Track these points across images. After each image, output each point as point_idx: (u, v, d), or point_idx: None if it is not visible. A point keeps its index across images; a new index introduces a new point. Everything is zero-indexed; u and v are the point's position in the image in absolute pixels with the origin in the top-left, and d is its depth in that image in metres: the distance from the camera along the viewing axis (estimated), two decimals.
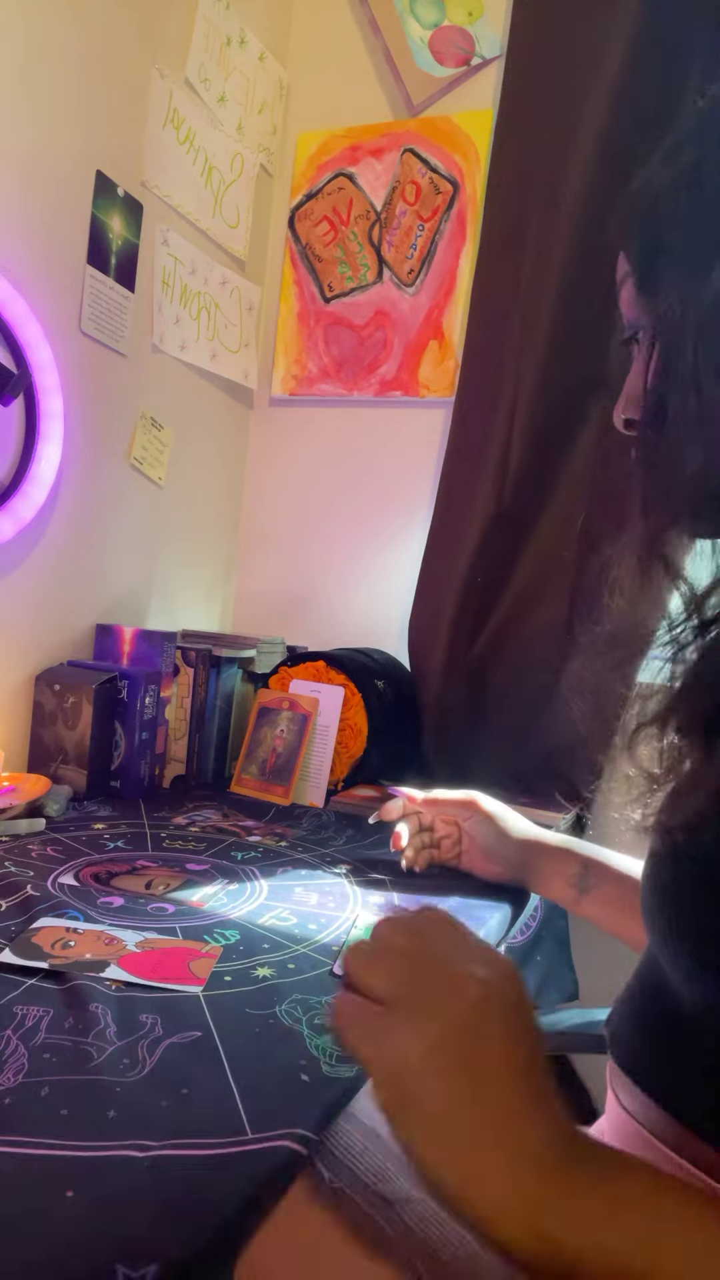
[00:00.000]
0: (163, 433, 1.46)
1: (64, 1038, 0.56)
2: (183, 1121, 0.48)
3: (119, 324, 1.32)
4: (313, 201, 1.63)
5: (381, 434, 1.61)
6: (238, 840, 1.06)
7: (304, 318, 1.65)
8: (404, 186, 1.54)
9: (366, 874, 0.97)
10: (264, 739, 1.33)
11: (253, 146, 1.58)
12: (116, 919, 0.76)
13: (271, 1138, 0.48)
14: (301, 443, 1.68)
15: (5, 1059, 0.53)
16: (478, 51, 1.47)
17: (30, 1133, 0.46)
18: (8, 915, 0.75)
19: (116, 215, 1.29)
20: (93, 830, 1.04)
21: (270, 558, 1.72)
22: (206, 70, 1.44)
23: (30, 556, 1.22)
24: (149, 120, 1.33)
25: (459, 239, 1.51)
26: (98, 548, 1.36)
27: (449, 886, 0.94)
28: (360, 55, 1.58)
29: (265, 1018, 0.61)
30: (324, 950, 0.74)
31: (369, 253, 1.58)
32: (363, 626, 1.61)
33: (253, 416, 1.72)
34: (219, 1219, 0.42)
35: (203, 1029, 0.58)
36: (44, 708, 1.20)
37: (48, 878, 0.85)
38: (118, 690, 1.20)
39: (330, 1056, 0.57)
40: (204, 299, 1.52)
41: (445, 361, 1.53)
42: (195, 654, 1.32)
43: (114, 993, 0.62)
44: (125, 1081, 0.52)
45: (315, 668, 1.35)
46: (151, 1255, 0.39)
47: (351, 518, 1.64)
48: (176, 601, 1.58)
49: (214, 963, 0.69)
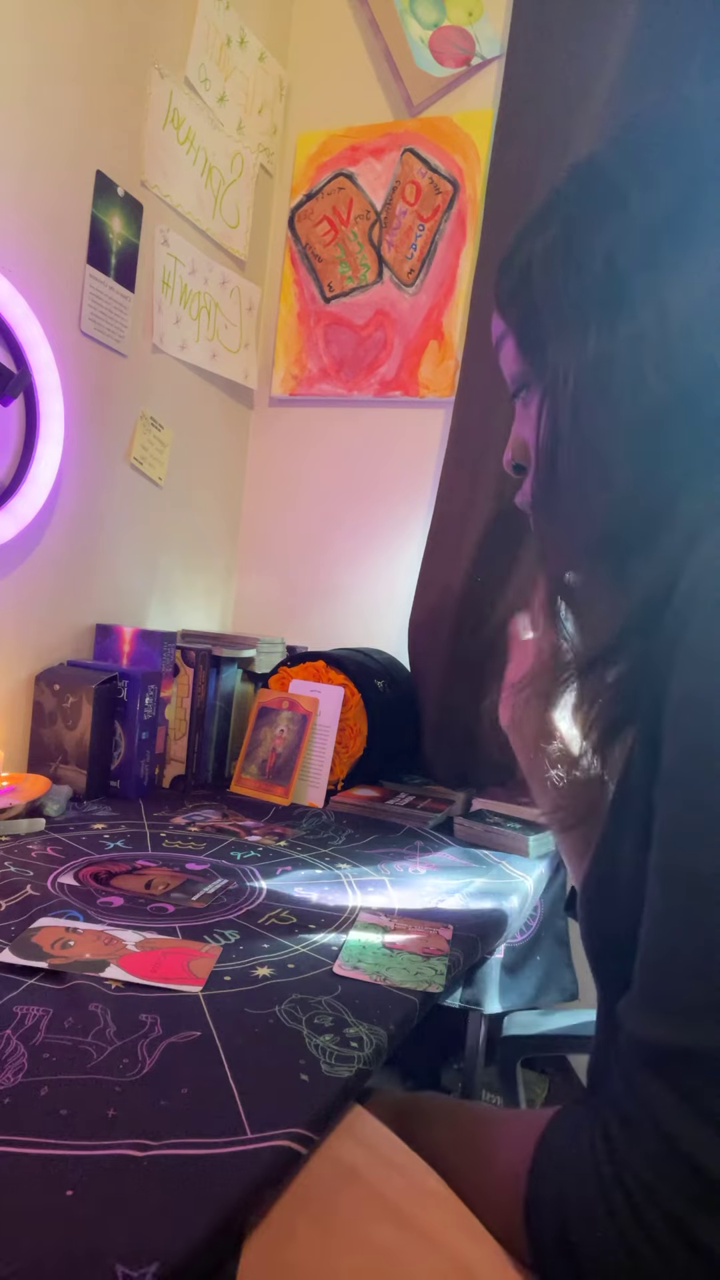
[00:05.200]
0: (163, 433, 1.46)
1: (64, 1037, 0.56)
2: (182, 1121, 0.48)
3: (119, 324, 1.32)
4: (313, 201, 1.63)
5: (381, 434, 1.61)
6: (237, 840, 1.06)
7: (304, 318, 1.65)
8: (404, 186, 1.54)
9: (366, 874, 0.97)
10: (264, 739, 1.33)
11: (253, 146, 1.58)
12: (116, 919, 0.76)
13: (271, 1137, 0.48)
14: (301, 443, 1.68)
15: (5, 1059, 0.53)
16: (478, 51, 1.47)
17: (30, 1132, 0.46)
18: (8, 915, 0.75)
19: (116, 215, 1.29)
20: (92, 830, 1.04)
21: (270, 557, 1.72)
22: (206, 70, 1.44)
23: (30, 556, 1.22)
24: (149, 120, 1.33)
25: (459, 239, 1.51)
26: (98, 548, 1.36)
27: (437, 892, 0.94)
28: (360, 55, 1.58)
29: (265, 1018, 0.61)
30: (324, 950, 0.74)
31: (369, 253, 1.58)
32: (363, 626, 1.61)
33: (253, 416, 1.72)
34: (219, 1219, 0.42)
35: (202, 1029, 0.58)
36: (44, 708, 1.20)
37: (47, 878, 0.85)
38: (118, 690, 1.20)
39: (330, 1056, 0.57)
40: (204, 299, 1.52)
41: (445, 361, 1.53)
42: (195, 654, 1.32)
43: (113, 992, 0.62)
44: (125, 1081, 0.52)
45: (315, 668, 1.35)
46: (151, 1255, 0.39)
47: (351, 518, 1.64)
48: (176, 601, 1.58)
49: (213, 962, 0.69)
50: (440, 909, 0.87)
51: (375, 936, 0.78)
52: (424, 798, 1.29)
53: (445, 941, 0.78)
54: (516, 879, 1.01)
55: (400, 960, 0.73)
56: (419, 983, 0.68)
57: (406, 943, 0.77)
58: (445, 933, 0.80)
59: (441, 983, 0.69)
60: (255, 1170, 0.45)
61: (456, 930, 0.81)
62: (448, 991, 0.71)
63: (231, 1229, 0.43)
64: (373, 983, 0.68)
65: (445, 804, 1.27)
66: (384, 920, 0.82)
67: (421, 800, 1.27)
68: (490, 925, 0.85)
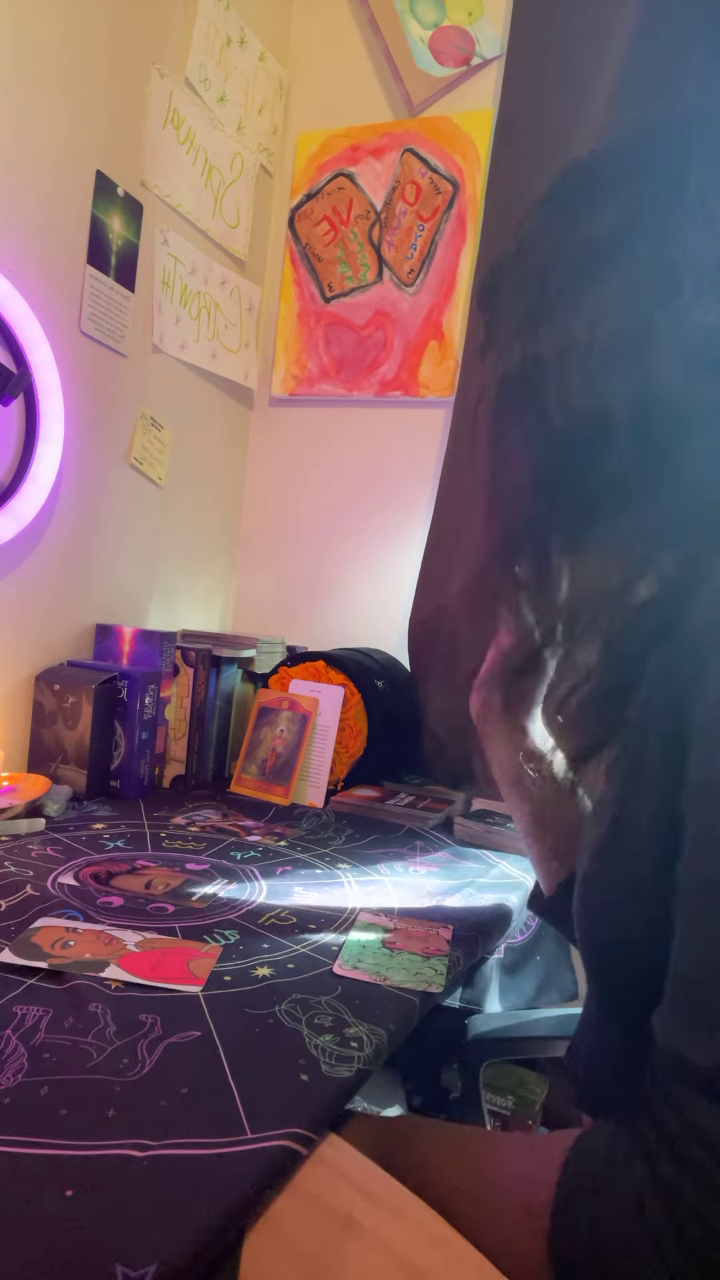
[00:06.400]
0: (163, 433, 1.46)
1: (64, 1037, 0.56)
2: (182, 1121, 0.48)
3: (119, 324, 1.32)
4: (313, 201, 1.63)
5: (381, 434, 1.61)
6: (237, 840, 1.06)
7: (304, 318, 1.65)
8: (404, 186, 1.54)
9: (366, 874, 0.97)
10: (264, 739, 1.33)
11: (253, 146, 1.58)
12: (116, 919, 0.76)
13: (271, 1137, 0.48)
14: (301, 443, 1.68)
15: (5, 1059, 0.53)
16: (478, 51, 1.47)
17: (30, 1132, 0.46)
18: (8, 915, 0.75)
19: (116, 215, 1.29)
20: (92, 830, 1.04)
21: (270, 557, 1.72)
22: (206, 70, 1.44)
23: (30, 556, 1.22)
24: (149, 120, 1.33)
25: (459, 239, 1.51)
26: (98, 547, 1.36)
27: (437, 893, 0.94)
28: (360, 55, 1.58)
29: (265, 1017, 0.61)
30: (324, 950, 0.74)
31: (369, 253, 1.58)
32: (363, 626, 1.61)
33: (253, 416, 1.72)
34: (219, 1218, 0.42)
35: (202, 1029, 0.59)
36: (44, 708, 1.20)
37: (48, 878, 0.85)
38: (118, 690, 1.20)
39: (330, 1056, 0.57)
40: (204, 299, 1.52)
41: (445, 361, 1.53)
42: (195, 654, 1.32)
43: (113, 992, 0.62)
44: (125, 1081, 0.52)
45: (315, 668, 1.35)
46: (151, 1255, 0.39)
47: (351, 517, 1.64)
48: (176, 601, 1.58)
49: (213, 962, 0.69)
50: (440, 909, 0.87)
51: (375, 936, 0.78)
52: (424, 798, 1.29)
53: (445, 941, 0.78)
54: (516, 879, 1.01)
55: (400, 960, 0.73)
56: (419, 983, 0.68)
57: (406, 943, 0.77)
58: (445, 933, 0.80)
59: (441, 983, 0.69)
60: (255, 1170, 0.45)
61: (456, 930, 0.81)
62: (448, 991, 0.71)
63: (231, 1229, 0.43)
64: (373, 983, 0.68)
65: (445, 804, 1.27)
66: (384, 920, 0.82)
67: (421, 800, 1.28)
68: (490, 925, 0.85)
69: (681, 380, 0.48)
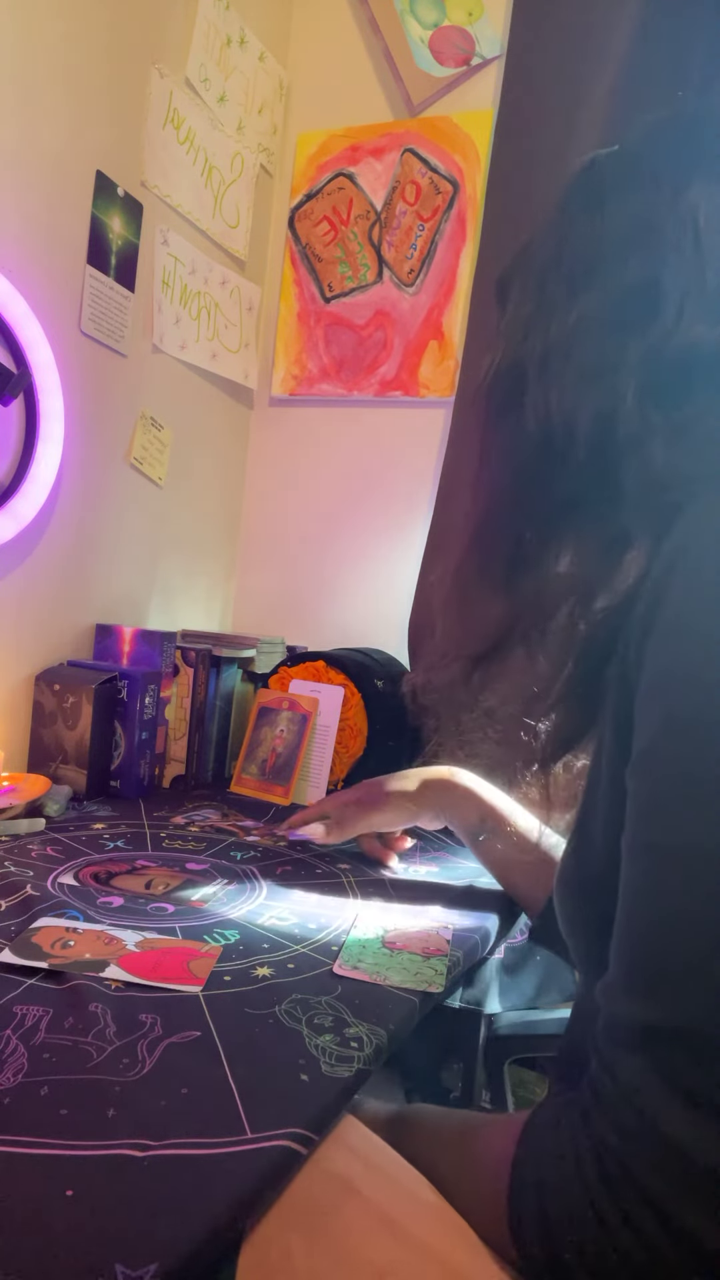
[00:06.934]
0: (163, 433, 1.46)
1: (64, 1037, 0.56)
2: (182, 1121, 0.48)
3: (119, 324, 1.32)
4: (313, 201, 1.63)
5: (381, 434, 1.61)
6: (237, 840, 1.06)
7: (304, 318, 1.65)
8: (404, 186, 1.54)
9: (366, 874, 0.97)
10: (264, 739, 1.33)
11: (253, 146, 1.58)
12: (116, 919, 0.76)
13: (271, 1137, 0.48)
14: (301, 443, 1.68)
15: (5, 1059, 0.53)
16: (478, 51, 1.47)
17: (30, 1132, 0.46)
18: (8, 915, 0.75)
19: (116, 215, 1.29)
20: (92, 830, 1.04)
21: (270, 557, 1.72)
22: (206, 70, 1.44)
23: (30, 556, 1.22)
24: (149, 120, 1.33)
25: (459, 239, 1.51)
26: (98, 548, 1.36)
27: (437, 893, 0.94)
28: (360, 55, 1.58)
29: (265, 1017, 0.61)
30: (324, 950, 0.74)
31: (369, 253, 1.58)
32: (363, 626, 1.61)
33: (253, 416, 1.72)
34: (219, 1218, 0.42)
35: (202, 1029, 0.58)
36: (44, 708, 1.20)
37: (47, 878, 0.85)
38: (117, 690, 1.20)
39: (330, 1056, 0.57)
40: (204, 299, 1.52)
41: (445, 361, 1.53)
42: (195, 654, 1.32)
43: (113, 992, 0.62)
44: (125, 1081, 0.52)
45: (315, 668, 1.35)
46: (151, 1255, 0.39)
47: (351, 517, 1.64)
48: (176, 601, 1.58)
49: (213, 962, 0.69)
50: (440, 909, 0.87)
51: (375, 936, 0.78)
52: None
53: (445, 941, 0.78)
54: None
55: (400, 960, 0.73)
56: (419, 983, 0.68)
57: (406, 943, 0.77)
58: (445, 933, 0.80)
59: (441, 983, 0.69)
60: (255, 1170, 0.45)
61: (456, 930, 0.81)
62: (448, 991, 0.71)
63: (231, 1229, 0.43)
64: (373, 983, 0.68)
65: None
66: (384, 920, 0.82)
67: None
68: (490, 925, 0.85)
69: (636, 406, 0.50)
